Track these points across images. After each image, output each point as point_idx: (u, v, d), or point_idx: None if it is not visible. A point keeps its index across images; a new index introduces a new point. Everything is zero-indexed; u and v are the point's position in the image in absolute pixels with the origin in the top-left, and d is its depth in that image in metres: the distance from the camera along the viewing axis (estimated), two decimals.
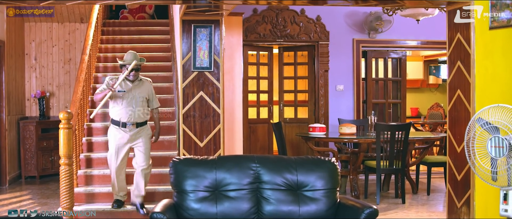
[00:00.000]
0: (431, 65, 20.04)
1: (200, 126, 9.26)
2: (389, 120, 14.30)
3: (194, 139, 9.31)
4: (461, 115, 7.72)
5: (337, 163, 6.57)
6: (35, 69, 14.02)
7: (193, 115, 9.28)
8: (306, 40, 13.61)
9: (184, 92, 9.36)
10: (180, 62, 9.48)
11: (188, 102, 9.36)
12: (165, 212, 5.66)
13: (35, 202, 10.59)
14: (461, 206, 7.79)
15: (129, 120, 8.72)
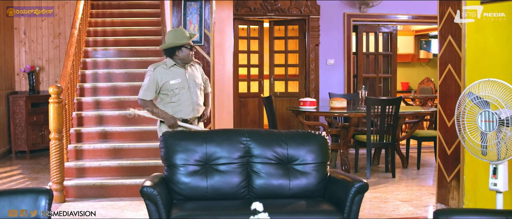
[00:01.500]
0: (422, 40, 20.03)
1: None
2: (379, 95, 14.31)
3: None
4: (452, 89, 7.73)
5: (327, 137, 6.58)
6: (24, 43, 13.95)
7: None
8: (296, 14, 13.58)
9: None
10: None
11: None
12: (156, 186, 5.66)
13: (26, 177, 10.59)
14: (451, 180, 7.82)
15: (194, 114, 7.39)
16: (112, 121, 10.25)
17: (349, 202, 5.76)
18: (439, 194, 8.18)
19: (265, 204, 3.98)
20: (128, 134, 9.99)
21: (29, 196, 4.96)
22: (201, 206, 5.91)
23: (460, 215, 4.83)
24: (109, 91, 10.88)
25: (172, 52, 7.17)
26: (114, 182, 9.05)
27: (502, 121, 5.74)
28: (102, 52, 12.01)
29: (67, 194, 8.88)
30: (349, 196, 5.76)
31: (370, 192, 9.01)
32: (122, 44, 12.24)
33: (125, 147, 9.64)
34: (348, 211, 5.76)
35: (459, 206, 7.65)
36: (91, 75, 11.30)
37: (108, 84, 11.03)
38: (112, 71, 11.37)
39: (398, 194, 9.27)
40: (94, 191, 9.01)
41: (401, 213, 8.14)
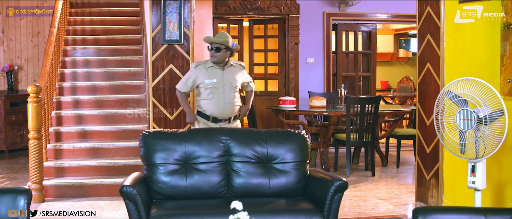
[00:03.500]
0: (401, 39, 20.13)
1: (170, 99, 9.21)
2: (359, 93, 14.35)
3: (164, 112, 9.27)
4: (431, 88, 7.76)
5: (307, 135, 6.59)
6: (2, 42, 13.87)
7: (163, 88, 9.24)
8: (276, 13, 13.59)
9: (154, 65, 9.31)
10: (149, 35, 9.42)
11: (158, 75, 9.31)
12: (135, 185, 5.65)
13: (4, 177, 10.53)
14: (430, 179, 7.86)
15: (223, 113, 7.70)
16: (91, 120, 10.22)
17: (328, 200, 5.77)
18: (418, 192, 8.21)
19: (245, 203, 3.98)
20: (108, 133, 9.97)
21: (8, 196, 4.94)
22: (181, 205, 5.91)
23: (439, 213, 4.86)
24: (89, 90, 10.85)
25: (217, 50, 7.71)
26: (94, 182, 9.02)
27: (480, 119, 5.77)
28: (81, 51, 11.97)
29: (46, 194, 8.85)
30: (329, 194, 5.77)
31: (349, 191, 9.04)
32: (101, 43, 12.21)
33: (104, 147, 9.62)
34: (327, 210, 5.77)
35: (438, 204, 7.68)
36: (70, 74, 11.26)
37: (87, 83, 11.00)
38: (92, 70, 11.35)
39: (378, 193, 9.30)
40: (73, 191, 8.98)
41: (381, 211, 8.18)
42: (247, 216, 3.77)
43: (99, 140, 9.90)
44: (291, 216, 5.74)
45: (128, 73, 11.26)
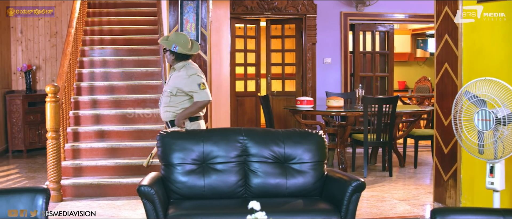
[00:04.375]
0: (419, 39, 20.05)
1: None
2: (376, 93, 14.32)
3: None
4: (449, 88, 7.73)
5: (324, 136, 6.58)
6: (21, 42, 13.93)
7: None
8: (293, 13, 13.58)
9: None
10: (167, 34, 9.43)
11: None
12: (153, 185, 5.66)
13: (23, 176, 10.58)
14: (448, 179, 7.82)
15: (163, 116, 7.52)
16: (109, 120, 10.24)
17: (346, 201, 5.76)
18: (436, 193, 8.18)
19: (262, 203, 3.97)
20: (125, 133, 9.99)
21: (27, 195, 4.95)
22: (198, 205, 5.91)
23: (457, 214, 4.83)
24: (106, 90, 10.88)
25: None
26: (111, 181, 9.04)
27: (499, 119, 5.74)
28: (99, 51, 12.00)
29: (64, 193, 8.88)
30: (346, 195, 5.75)
31: (367, 191, 9.01)
32: (119, 43, 12.24)
33: (122, 146, 9.64)
34: (345, 210, 5.76)
35: (456, 205, 7.65)
36: (88, 74, 11.30)
37: (105, 83, 11.03)
38: (109, 70, 11.37)
39: (395, 193, 9.27)
40: (91, 190, 9.01)
41: (398, 212, 8.15)
42: (265, 216, 3.76)
43: (116, 140, 9.93)
44: (309, 216, 5.73)
45: (145, 73, 11.28)
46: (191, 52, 7.32)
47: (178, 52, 7.21)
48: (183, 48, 7.23)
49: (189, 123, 7.23)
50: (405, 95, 16.98)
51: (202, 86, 7.15)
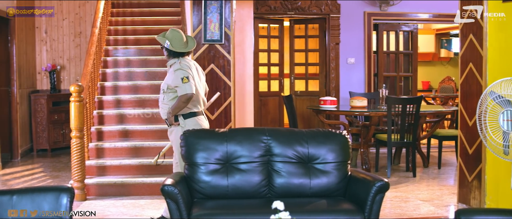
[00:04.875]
0: (443, 39, 19.95)
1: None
2: (400, 94, 14.27)
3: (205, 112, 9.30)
4: (473, 88, 7.69)
5: (348, 136, 6.56)
6: (45, 42, 14.01)
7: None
8: (317, 12, 13.56)
9: None
10: (190, 34, 9.46)
11: None
12: (177, 185, 5.68)
13: (47, 175, 10.64)
14: (472, 180, 7.79)
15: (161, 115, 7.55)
16: (132, 119, 10.27)
17: (370, 201, 5.75)
18: (460, 193, 8.15)
19: (286, 203, 3.97)
20: (149, 132, 10.01)
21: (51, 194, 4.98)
22: (222, 204, 5.92)
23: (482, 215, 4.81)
24: (130, 90, 10.92)
25: None
26: (135, 181, 9.08)
27: None
28: (123, 50, 12.05)
29: (88, 192, 8.93)
30: (370, 195, 5.74)
31: (390, 192, 8.99)
32: (142, 43, 12.27)
33: (145, 146, 9.67)
34: (368, 211, 5.75)
35: (480, 206, 7.61)
36: (111, 74, 11.34)
37: (128, 82, 11.07)
38: (133, 70, 11.41)
39: (419, 194, 9.23)
40: (115, 190, 9.05)
41: (422, 212, 8.12)
42: (289, 216, 3.76)
43: (140, 139, 9.96)
44: (332, 216, 5.72)
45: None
46: (183, 50, 7.32)
47: (169, 48, 7.25)
48: (175, 45, 7.25)
49: (183, 120, 7.23)
50: (429, 95, 16.89)
51: (184, 79, 7.08)
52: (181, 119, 7.22)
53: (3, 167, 11.24)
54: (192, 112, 7.25)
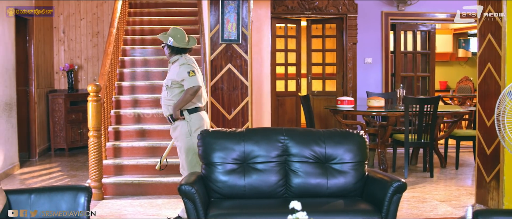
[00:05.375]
0: (461, 38, 19.87)
1: (228, 99, 9.25)
2: (417, 94, 14.22)
3: (222, 111, 9.31)
4: (491, 88, 7.65)
5: (365, 136, 6.55)
6: (63, 42, 14.07)
7: (221, 87, 9.28)
8: (334, 12, 13.53)
9: (212, 65, 9.36)
10: (208, 34, 9.47)
11: (216, 74, 9.35)
12: (194, 184, 5.68)
13: (65, 174, 10.69)
14: (490, 181, 7.75)
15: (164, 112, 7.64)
16: (150, 119, 10.30)
17: (387, 201, 5.74)
18: (478, 194, 8.11)
19: (303, 203, 3.97)
20: (166, 132, 10.01)
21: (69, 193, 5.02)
22: (239, 204, 5.92)
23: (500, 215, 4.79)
24: (147, 90, 10.95)
25: None
26: (152, 180, 9.10)
27: None
28: (140, 50, 12.09)
29: (105, 192, 8.96)
30: (387, 195, 5.73)
31: (408, 192, 8.96)
32: (159, 43, 12.23)
33: (162, 145, 9.68)
34: (386, 211, 5.74)
35: (498, 207, 7.57)
36: (129, 74, 11.38)
37: (146, 82, 11.10)
38: (150, 70, 11.45)
39: (436, 194, 9.20)
40: (132, 189, 9.07)
41: (440, 213, 8.09)
42: (306, 216, 3.76)
43: (157, 139, 9.98)
44: (350, 216, 5.72)
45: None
46: (186, 46, 7.44)
47: (173, 45, 7.34)
48: (178, 41, 7.35)
49: (188, 114, 7.32)
50: (447, 95, 16.83)
51: (191, 73, 7.21)
52: (186, 114, 7.32)
53: (21, 166, 11.30)
54: (197, 107, 7.37)
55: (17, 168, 11.05)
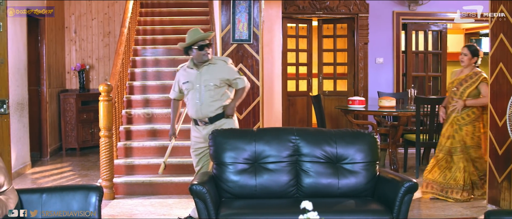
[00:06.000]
0: (472, 38, 19.79)
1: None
2: (429, 94, 14.19)
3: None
4: (503, 88, 7.63)
5: (376, 136, 6.54)
6: (75, 42, 14.10)
7: None
8: (345, 12, 13.52)
9: None
10: (219, 34, 9.47)
11: None
12: (205, 184, 5.69)
13: (76, 174, 10.70)
14: (502, 181, 7.73)
15: (197, 115, 7.38)
16: (161, 119, 10.30)
17: (398, 201, 5.73)
18: (490, 194, 8.09)
19: (314, 203, 3.97)
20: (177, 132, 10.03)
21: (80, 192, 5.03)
22: (250, 204, 5.92)
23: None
24: (158, 89, 10.96)
25: (185, 52, 7.42)
26: (163, 180, 9.10)
27: None
28: (151, 50, 12.10)
29: (116, 191, 8.97)
30: (399, 195, 5.72)
31: (419, 192, 8.94)
32: (171, 43, 12.30)
33: (174, 145, 9.67)
34: (397, 211, 5.73)
35: (510, 208, 7.55)
36: (140, 74, 11.39)
37: (157, 82, 11.11)
38: (161, 70, 11.45)
39: None
40: (143, 189, 9.08)
41: (451, 213, 8.06)
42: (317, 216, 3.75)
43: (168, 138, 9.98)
44: (361, 216, 5.72)
45: None
46: None
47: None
48: None
49: None
50: None
51: (240, 72, 7.38)
52: None
53: (32, 166, 11.33)
54: None
55: (29, 168, 11.07)
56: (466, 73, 8.73)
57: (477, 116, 8.55)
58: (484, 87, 8.40)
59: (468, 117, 8.58)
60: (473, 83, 8.54)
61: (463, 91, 8.61)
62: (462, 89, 8.63)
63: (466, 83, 8.62)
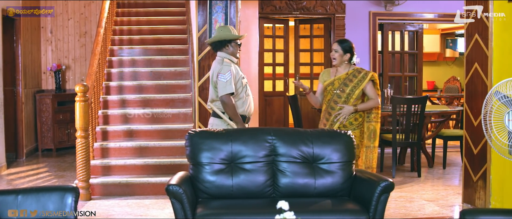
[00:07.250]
0: (448, 38, 19.93)
1: None
2: (405, 94, 14.25)
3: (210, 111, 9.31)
4: (478, 88, 7.68)
5: (353, 136, 6.55)
6: (51, 42, 14.03)
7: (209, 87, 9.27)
8: (322, 12, 13.55)
9: (200, 65, 9.37)
10: (195, 34, 9.48)
11: (204, 74, 9.36)
12: (181, 184, 5.67)
13: (52, 175, 10.66)
14: (477, 180, 7.77)
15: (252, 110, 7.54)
16: (137, 119, 10.29)
17: (374, 201, 5.74)
18: (465, 194, 8.13)
19: (290, 203, 3.97)
20: (154, 132, 10.02)
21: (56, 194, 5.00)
22: (227, 204, 5.91)
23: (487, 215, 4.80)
24: (135, 90, 10.94)
25: (221, 46, 7.25)
26: (140, 180, 9.08)
27: None
28: (128, 50, 12.07)
29: (93, 192, 8.94)
30: (375, 195, 5.73)
31: (395, 192, 8.98)
32: (148, 43, 12.29)
33: (150, 146, 9.68)
34: (373, 211, 5.74)
35: (485, 206, 7.59)
36: (117, 74, 11.36)
37: (133, 82, 11.09)
38: (138, 70, 11.43)
39: (424, 194, 9.22)
40: (119, 189, 9.05)
41: (427, 212, 8.11)
42: (293, 216, 3.76)
43: (145, 139, 9.97)
44: (337, 216, 5.71)
45: (174, 72, 11.32)
46: None
47: None
48: None
49: None
50: (434, 95, 16.88)
51: None
52: None
53: (8, 167, 11.26)
54: None
55: (4, 169, 11.01)
56: (345, 72, 7.84)
57: (363, 119, 7.78)
58: (372, 86, 7.77)
59: (356, 121, 7.70)
60: (360, 81, 7.71)
61: (350, 93, 7.67)
62: (349, 90, 7.68)
63: (351, 82, 7.73)
